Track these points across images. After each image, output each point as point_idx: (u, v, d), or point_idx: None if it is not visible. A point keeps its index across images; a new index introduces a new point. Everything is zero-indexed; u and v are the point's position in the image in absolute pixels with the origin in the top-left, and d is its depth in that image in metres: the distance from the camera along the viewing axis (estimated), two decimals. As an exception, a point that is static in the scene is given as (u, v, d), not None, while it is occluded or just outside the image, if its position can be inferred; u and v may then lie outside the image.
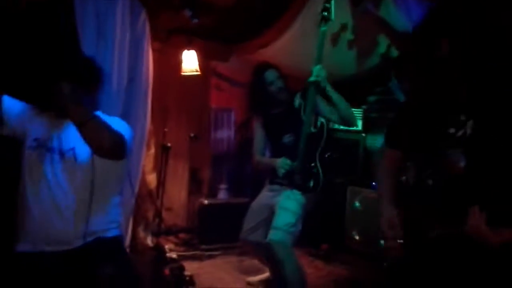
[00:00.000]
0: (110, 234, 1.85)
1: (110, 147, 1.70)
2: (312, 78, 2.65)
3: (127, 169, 3.03)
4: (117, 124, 1.85)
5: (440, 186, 1.56)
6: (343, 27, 3.48)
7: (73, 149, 1.79)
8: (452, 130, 1.52)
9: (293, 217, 2.67)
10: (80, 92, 1.68)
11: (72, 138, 1.79)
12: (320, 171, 2.71)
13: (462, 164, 1.48)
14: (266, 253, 2.91)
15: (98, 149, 1.69)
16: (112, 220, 1.90)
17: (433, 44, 1.54)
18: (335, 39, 3.69)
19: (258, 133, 3.05)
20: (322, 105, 2.77)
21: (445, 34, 1.50)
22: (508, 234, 1.33)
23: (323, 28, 2.66)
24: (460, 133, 1.50)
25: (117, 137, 1.73)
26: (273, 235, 2.62)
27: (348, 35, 3.54)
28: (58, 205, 1.74)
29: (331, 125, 3.20)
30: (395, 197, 1.73)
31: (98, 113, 1.84)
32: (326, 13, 2.65)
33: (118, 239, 1.93)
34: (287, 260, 2.61)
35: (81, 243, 1.75)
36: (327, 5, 2.66)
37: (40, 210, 1.73)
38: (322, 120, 2.77)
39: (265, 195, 2.94)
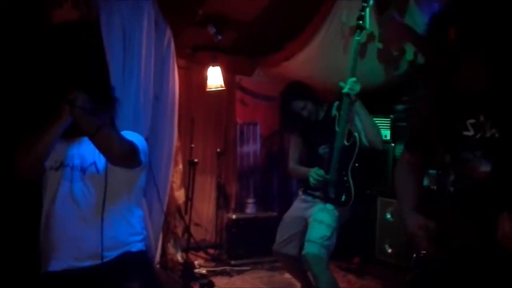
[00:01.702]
0: (135, 248, 1.88)
1: (121, 155, 1.76)
2: (345, 90, 2.60)
3: (157, 182, 3.10)
4: (132, 136, 1.90)
5: (463, 193, 1.49)
6: (371, 36, 3.44)
7: (94, 163, 1.85)
8: (470, 133, 1.46)
9: (328, 230, 2.62)
10: (94, 105, 1.73)
11: (92, 152, 1.85)
12: (352, 184, 2.65)
13: (484, 168, 1.42)
14: (299, 266, 2.87)
15: (109, 157, 1.76)
16: (137, 232, 1.92)
17: (442, 37, 1.46)
18: (363, 49, 3.66)
19: (294, 141, 3.02)
20: (357, 121, 2.71)
21: (454, 23, 1.42)
22: None
23: (357, 38, 2.61)
24: (479, 135, 1.43)
25: (128, 145, 1.79)
26: (309, 248, 2.58)
27: (376, 44, 3.50)
28: (84, 218, 1.78)
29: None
30: (417, 204, 1.66)
31: None
32: (361, 22, 2.61)
33: (144, 254, 1.94)
34: (322, 274, 2.57)
35: (109, 257, 1.77)
36: (362, 13, 2.61)
37: (68, 226, 1.77)
38: (356, 133, 2.71)
39: (298, 207, 2.90)
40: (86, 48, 2.66)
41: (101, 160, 1.84)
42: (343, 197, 2.65)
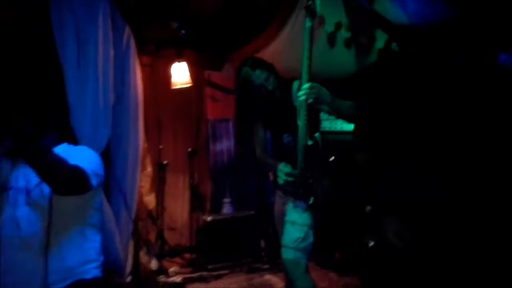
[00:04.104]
0: (90, 275, 1.74)
1: (66, 185, 1.59)
2: (301, 97, 2.27)
3: (124, 189, 2.94)
4: (83, 156, 1.76)
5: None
6: (338, 26, 3.32)
7: (39, 185, 1.69)
8: None
9: (302, 231, 2.46)
10: (37, 126, 1.63)
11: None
12: (318, 188, 2.44)
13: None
14: None
15: (54, 188, 1.60)
16: (91, 259, 1.79)
17: None
18: (332, 39, 3.54)
19: (257, 131, 2.71)
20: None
21: None
22: None
23: (308, 24, 2.27)
24: None
25: (75, 174, 1.62)
26: (284, 254, 2.44)
27: (343, 33, 3.38)
28: (29, 247, 1.64)
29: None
30: None
31: (62, 146, 1.79)
32: (310, 2, 2.27)
33: (99, 281, 1.80)
34: (299, 279, 2.44)
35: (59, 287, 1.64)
36: None
37: (11, 256, 1.63)
38: (316, 134, 2.46)
39: (278, 202, 2.69)
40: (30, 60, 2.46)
41: None
42: (311, 200, 2.45)
